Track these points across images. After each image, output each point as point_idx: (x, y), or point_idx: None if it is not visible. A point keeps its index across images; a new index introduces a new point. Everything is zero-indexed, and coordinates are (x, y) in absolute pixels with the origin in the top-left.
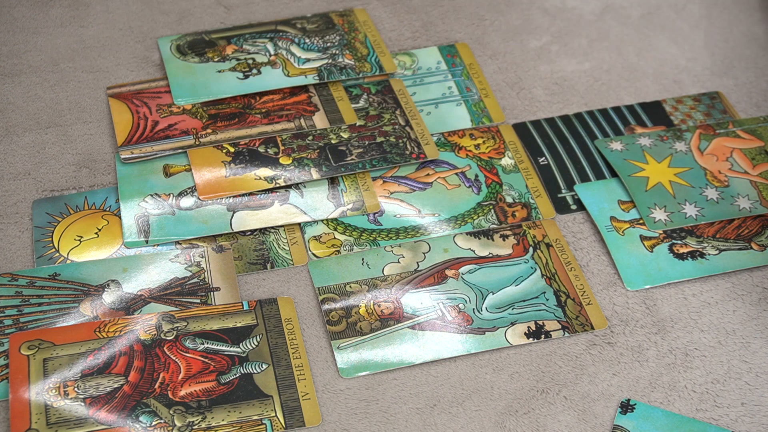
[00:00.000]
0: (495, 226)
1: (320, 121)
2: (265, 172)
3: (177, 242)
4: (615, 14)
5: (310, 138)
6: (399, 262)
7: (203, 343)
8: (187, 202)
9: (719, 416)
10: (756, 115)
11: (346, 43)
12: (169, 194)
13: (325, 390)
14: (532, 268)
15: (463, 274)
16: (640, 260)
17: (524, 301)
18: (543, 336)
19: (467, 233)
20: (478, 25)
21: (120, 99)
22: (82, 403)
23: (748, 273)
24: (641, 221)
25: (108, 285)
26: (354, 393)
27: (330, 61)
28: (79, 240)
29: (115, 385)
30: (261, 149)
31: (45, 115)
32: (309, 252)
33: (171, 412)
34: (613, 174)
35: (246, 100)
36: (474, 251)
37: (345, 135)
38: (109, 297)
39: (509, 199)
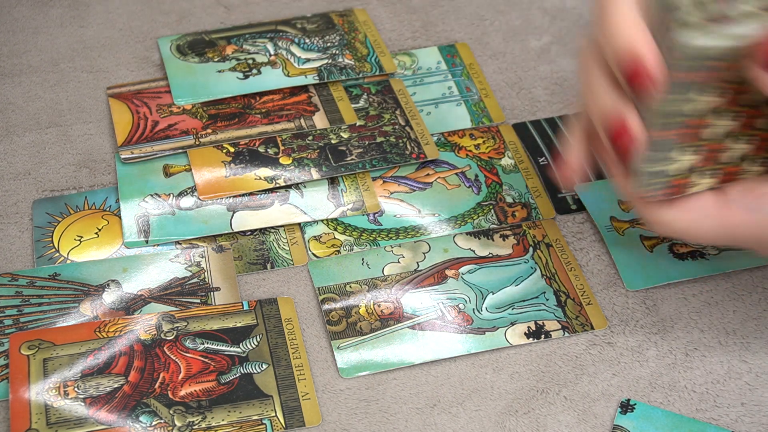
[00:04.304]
0: (495, 226)
1: (320, 121)
2: (265, 172)
3: (177, 242)
4: None
5: (310, 138)
6: (399, 262)
7: (203, 343)
8: (187, 202)
9: (719, 416)
10: None
11: (346, 43)
12: (169, 194)
13: (325, 390)
14: (532, 268)
15: (463, 274)
16: (640, 260)
17: (524, 301)
18: (543, 336)
19: (467, 233)
20: (478, 25)
21: (120, 99)
22: (82, 403)
23: (748, 273)
24: (641, 221)
25: (108, 285)
26: (354, 393)
27: (330, 61)
28: (79, 240)
29: (115, 385)
30: (261, 149)
31: (45, 115)
32: (309, 252)
33: (171, 412)
34: None
35: (246, 100)
36: (474, 251)
37: (345, 135)
38: (109, 297)
39: (509, 199)
